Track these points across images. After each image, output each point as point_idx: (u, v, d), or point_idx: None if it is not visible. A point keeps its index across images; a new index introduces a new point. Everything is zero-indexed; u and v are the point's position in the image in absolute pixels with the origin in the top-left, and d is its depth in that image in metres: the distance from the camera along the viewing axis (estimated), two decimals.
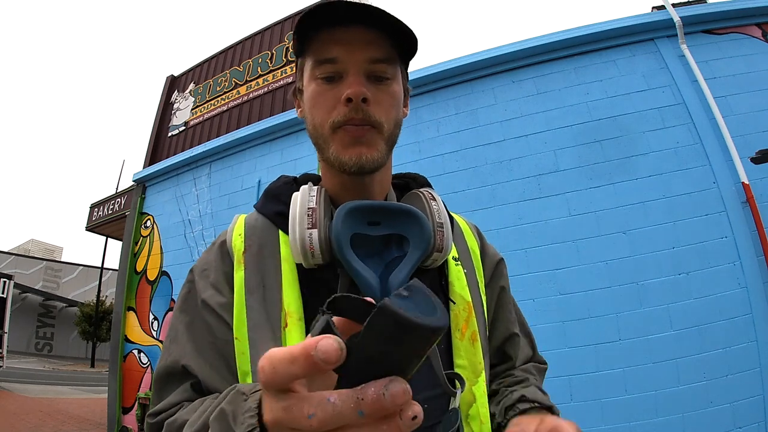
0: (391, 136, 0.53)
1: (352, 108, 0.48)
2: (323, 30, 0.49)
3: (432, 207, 0.54)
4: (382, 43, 0.50)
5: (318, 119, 0.51)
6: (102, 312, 16.33)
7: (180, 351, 0.51)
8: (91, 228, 6.77)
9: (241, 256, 0.53)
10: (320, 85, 0.51)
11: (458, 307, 0.55)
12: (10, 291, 9.90)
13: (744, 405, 2.42)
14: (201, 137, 5.42)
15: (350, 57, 0.49)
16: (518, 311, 0.70)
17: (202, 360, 0.50)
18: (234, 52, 5.78)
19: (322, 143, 0.52)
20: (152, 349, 4.68)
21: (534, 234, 2.99)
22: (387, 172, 0.58)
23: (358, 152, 0.50)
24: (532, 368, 0.66)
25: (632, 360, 2.60)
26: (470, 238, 0.66)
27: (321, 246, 0.47)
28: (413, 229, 0.49)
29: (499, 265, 0.68)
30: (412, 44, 0.51)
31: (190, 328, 0.52)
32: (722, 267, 2.64)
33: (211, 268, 0.55)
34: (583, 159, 3.07)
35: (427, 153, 3.48)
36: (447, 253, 0.53)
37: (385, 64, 0.50)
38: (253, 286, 0.51)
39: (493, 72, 3.52)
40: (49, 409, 6.58)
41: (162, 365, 0.52)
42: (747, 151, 2.81)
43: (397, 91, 0.53)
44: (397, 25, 0.48)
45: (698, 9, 3.20)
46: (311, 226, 0.48)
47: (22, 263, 21.83)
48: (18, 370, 11.77)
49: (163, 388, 0.51)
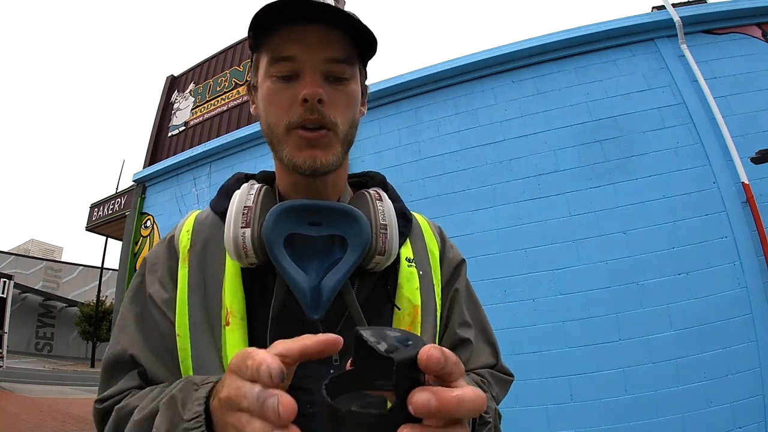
0: (347, 137, 0.52)
1: (307, 108, 0.47)
2: (281, 27, 0.47)
3: (377, 207, 0.52)
4: (340, 42, 0.48)
5: (273, 119, 0.51)
6: (102, 312, 16.35)
7: (128, 340, 0.51)
8: (91, 228, 6.78)
9: (186, 254, 0.54)
10: (275, 83, 0.49)
11: (403, 312, 0.54)
12: (10, 291, 9.90)
13: (744, 405, 2.42)
14: (201, 137, 5.42)
15: (308, 56, 0.48)
16: (480, 317, 0.66)
17: (149, 351, 0.51)
18: (234, 52, 5.78)
19: (276, 143, 0.52)
20: None
21: (534, 234, 2.99)
22: (342, 173, 0.57)
23: (312, 155, 0.49)
24: (488, 374, 0.61)
25: (632, 360, 2.60)
26: (430, 239, 0.64)
27: (254, 245, 0.47)
28: (352, 230, 0.48)
29: (458, 267, 0.65)
30: (371, 44, 0.50)
31: (139, 319, 0.53)
32: (722, 267, 2.64)
33: (159, 263, 0.55)
34: (583, 159, 3.07)
35: (427, 153, 3.48)
36: (390, 256, 0.51)
37: (343, 64, 0.50)
38: (195, 284, 0.51)
39: (493, 72, 3.52)
40: (50, 409, 6.58)
41: (110, 353, 0.52)
42: (747, 151, 2.81)
43: (354, 91, 0.52)
44: (356, 25, 0.47)
45: (698, 9, 3.20)
46: (245, 225, 0.47)
47: (22, 263, 21.84)
48: (18, 370, 11.78)
49: (112, 375, 0.51)
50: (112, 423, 0.46)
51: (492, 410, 0.51)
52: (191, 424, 0.35)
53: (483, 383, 0.57)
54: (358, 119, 0.55)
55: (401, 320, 0.54)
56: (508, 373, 0.65)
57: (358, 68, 0.54)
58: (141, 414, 0.41)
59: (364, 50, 0.51)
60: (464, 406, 0.25)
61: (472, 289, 0.68)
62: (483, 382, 0.58)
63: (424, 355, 0.25)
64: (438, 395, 0.25)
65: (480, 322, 0.65)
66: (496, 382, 0.61)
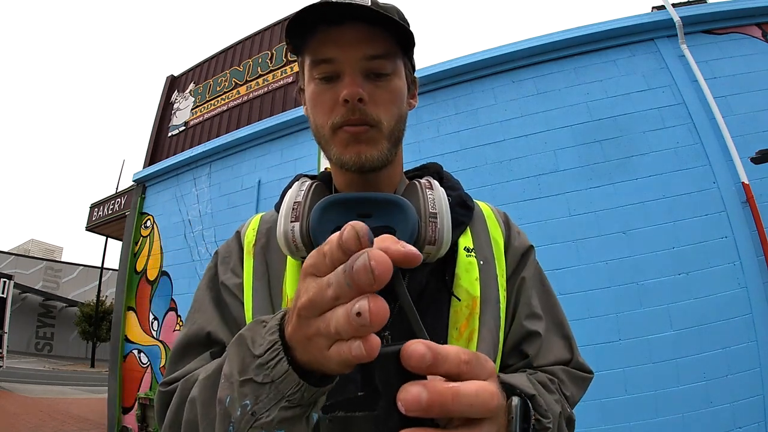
0: (393, 131, 0.52)
1: (349, 109, 0.48)
2: (318, 29, 0.48)
3: (426, 196, 0.51)
4: (378, 38, 0.49)
5: (319, 120, 0.52)
6: (102, 312, 16.33)
7: (205, 319, 0.53)
8: (91, 228, 6.78)
9: (251, 248, 0.58)
10: (318, 85, 0.51)
11: (462, 303, 0.52)
12: (10, 291, 9.90)
13: (744, 405, 2.42)
14: (201, 137, 5.42)
15: (346, 56, 0.48)
16: (552, 308, 0.61)
17: (227, 328, 0.52)
18: (234, 52, 5.78)
19: (324, 144, 0.53)
20: (152, 349, 4.68)
21: (534, 234, 2.96)
22: (395, 168, 0.58)
23: (357, 151, 0.50)
24: (561, 372, 0.55)
25: (632, 360, 2.60)
26: (494, 227, 0.61)
27: (302, 239, 0.48)
28: (399, 219, 0.46)
29: (525, 254, 0.62)
30: (408, 36, 0.50)
31: (216, 300, 0.56)
32: (722, 267, 2.63)
33: (230, 255, 0.59)
34: (583, 159, 3.07)
35: (427, 153, 3.48)
36: (442, 246, 0.48)
37: (383, 59, 0.50)
38: (260, 273, 0.55)
39: (493, 72, 3.52)
40: (50, 409, 6.58)
41: (183, 334, 0.53)
42: (747, 151, 2.81)
43: (398, 85, 0.52)
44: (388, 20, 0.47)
45: (698, 9, 3.20)
46: (295, 219, 0.49)
47: (22, 263, 21.83)
48: (18, 370, 11.77)
49: (183, 355, 0.52)
50: (177, 396, 0.44)
51: (554, 414, 0.44)
52: (266, 357, 0.30)
53: (551, 382, 0.51)
54: (405, 113, 0.55)
55: (459, 312, 0.52)
56: (586, 369, 0.58)
57: (402, 61, 0.54)
58: (207, 372, 0.39)
59: (404, 43, 0.51)
60: (462, 401, 0.23)
61: (545, 277, 0.63)
62: (551, 380, 0.52)
63: (406, 349, 0.23)
64: (430, 388, 0.22)
65: (553, 314, 0.60)
66: (571, 380, 0.55)
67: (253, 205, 4.23)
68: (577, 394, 0.55)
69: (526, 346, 0.56)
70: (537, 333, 0.56)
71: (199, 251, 4.57)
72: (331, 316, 0.24)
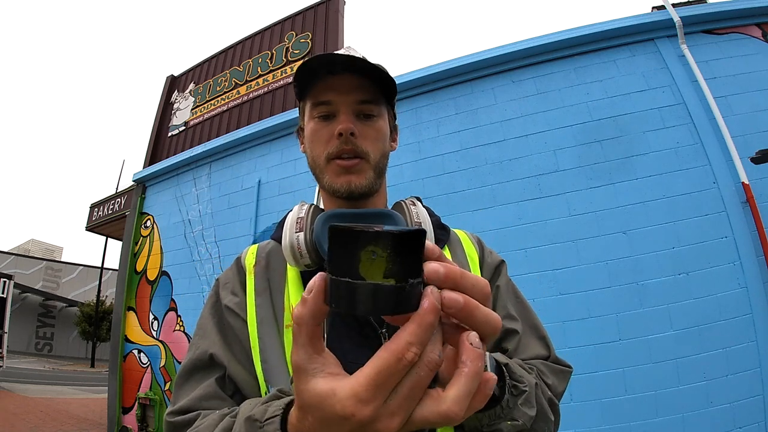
0: (378, 164, 0.61)
1: (342, 140, 0.58)
2: (319, 78, 0.59)
3: (411, 210, 0.61)
4: (367, 87, 0.59)
5: (316, 152, 0.61)
6: (102, 312, 16.34)
7: (208, 343, 0.58)
8: (91, 228, 6.78)
9: (252, 268, 0.64)
10: (317, 123, 0.61)
11: None
12: (10, 291, 9.90)
13: (744, 405, 2.42)
14: (201, 137, 5.42)
15: (341, 99, 0.59)
16: (527, 313, 0.67)
17: (229, 350, 0.57)
18: (234, 52, 5.78)
19: (319, 173, 0.62)
20: (152, 349, 4.68)
21: (534, 234, 2.99)
22: (381, 197, 0.66)
23: (348, 180, 0.59)
24: (540, 364, 0.59)
25: (632, 360, 2.60)
26: (469, 246, 0.69)
27: (307, 245, 0.55)
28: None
29: (498, 267, 0.68)
30: (391, 86, 0.61)
31: (219, 325, 0.60)
32: (722, 267, 2.63)
33: (230, 281, 0.65)
34: (583, 159, 3.07)
35: (427, 153, 3.48)
36: None
37: (371, 104, 0.60)
38: (261, 289, 0.61)
39: (493, 72, 3.52)
40: (49, 409, 6.58)
41: (188, 359, 0.58)
42: (747, 151, 2.81)
43: (382, 126, 0.62)
44: (378, 73, 0.57)
45: (698, 9, 3.20)
46: (299, 230, 0.57)
47: (22, 263, 21.83)
48: (18, 370, 11.78)
49: (188, 381, 0.56)
50: None
51: (530, 382, 0.49)
52: None
53: (530, 369, 0.55)
54: (388, 150, 0.65)
55: None
56: (564, 364, 0.64)
57: (386, 109, 0.64)
58: None
59: (388, 93, 0.62)
60: (468, 280, 0.27)
61: (516, 287, 0.70)
62: (531, 367, 0.55)
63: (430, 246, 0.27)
64: (445, 264, 0.26)
65: (528, 318, 0.66)
66: (551, 372, 0.59)
67: (253, 205, 4.23)
68: (560, 385, 0.60)
69: (504, 342, 0.62)
70: (515, 330, 0.63)
71: (199, 251, 4.57)
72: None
